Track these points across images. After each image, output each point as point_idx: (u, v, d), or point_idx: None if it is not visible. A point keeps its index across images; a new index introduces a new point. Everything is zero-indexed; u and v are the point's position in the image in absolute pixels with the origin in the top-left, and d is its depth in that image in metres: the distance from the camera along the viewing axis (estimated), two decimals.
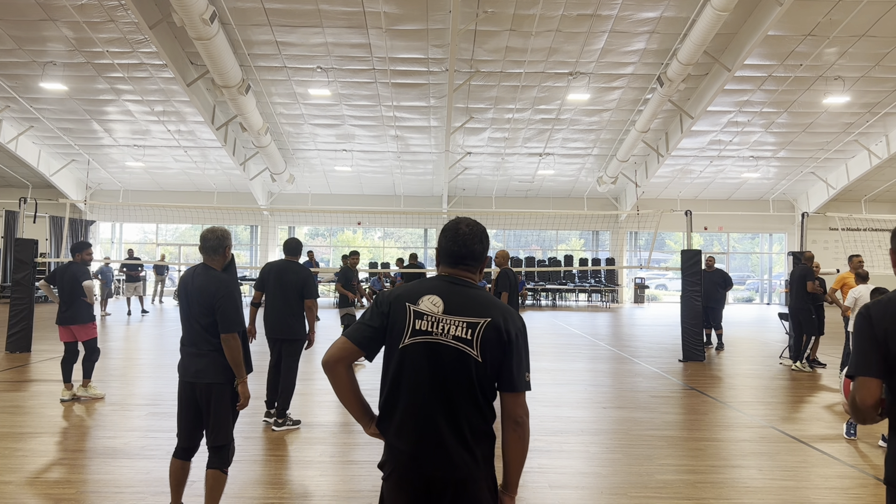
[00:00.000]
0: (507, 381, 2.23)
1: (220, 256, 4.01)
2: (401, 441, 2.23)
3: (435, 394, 2.20)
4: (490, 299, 2.29)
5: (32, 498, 4.44)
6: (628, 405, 7.48)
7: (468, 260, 2.35)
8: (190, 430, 3.91)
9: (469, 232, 2.35)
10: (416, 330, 2.24)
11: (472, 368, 2.19)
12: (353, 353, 2.28)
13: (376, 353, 2.32)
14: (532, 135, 19.73)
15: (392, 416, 2.26)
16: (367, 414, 2.36)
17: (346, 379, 2.29)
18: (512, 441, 2.24)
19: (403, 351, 2.24)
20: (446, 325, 2.22)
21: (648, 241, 26.12)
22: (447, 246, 2.36)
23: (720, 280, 12.34)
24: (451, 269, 2.36)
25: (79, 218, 24.51)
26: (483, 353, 2.20)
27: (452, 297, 2.27)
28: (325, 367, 2.28)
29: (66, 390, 7.30)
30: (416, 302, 2.27)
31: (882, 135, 19.33)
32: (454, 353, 2.20)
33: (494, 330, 2.21)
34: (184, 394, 3.91)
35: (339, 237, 29.57)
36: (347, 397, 2.31)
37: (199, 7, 11.64)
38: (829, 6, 12.78)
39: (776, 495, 4.70)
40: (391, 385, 2.27)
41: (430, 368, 2.21)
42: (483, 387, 2.21)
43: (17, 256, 11.08)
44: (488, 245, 2.41)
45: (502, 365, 2.22)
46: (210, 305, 3.82)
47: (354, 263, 10.30)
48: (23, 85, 16.72)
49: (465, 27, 13.38)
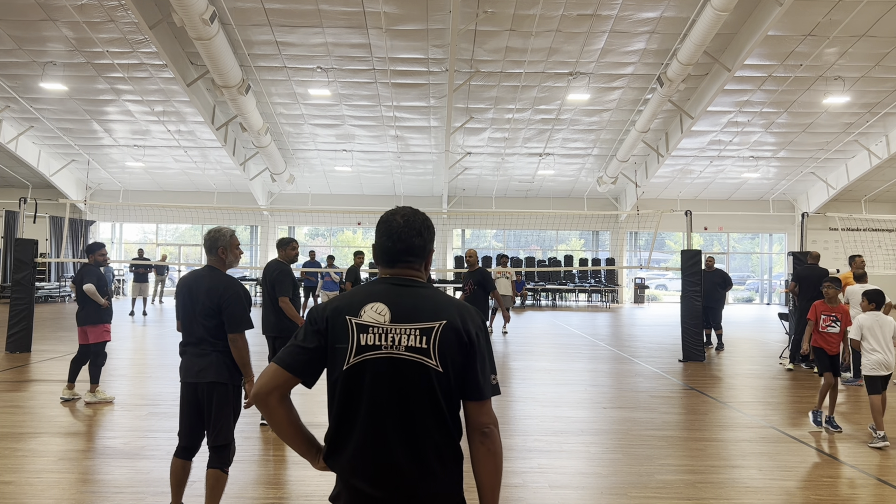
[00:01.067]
0: (472, 388, 1.95)
1: (216, 257, 4.01)
2: (356, 477, 1.92)
3: (392, 417, 1.91)
4: (442, 298, 2.01)
5: (32, 498, 4.44)
6: (628, 405, 7.48)
7: (406, 256, 2.04)
8: (191, 429, 3.93)
9: (404, 224, 2.04)
10: (362, 346, 1.93)
11: (433, 381, 1.91)
12: (286, 382, 1.97)
13: (316, 379, 2.02)
14: (532, 135, 19.73)
15: (343, 450, 1.95)
16: (312, 447, 2.05)
17: (282, 412, 1.98)
18: (482, 456, 1.95)
19: (349, 373, 1.93)
20: (396, 336, 1.92)
21: (648, 241, 26.13)
22: (382, 242, 2.05)
23: (720, 280, 12.35)
24: (390, 269, 2.05)
25: (79, 218, 24.52)
26: (443, 361, 1.92)
27: (399, 301, 1.96)
28: (255, 399, 1.96)
29: (67, 389, 7.29)
30: (356, 314, 1.96)
31: (882, 135, 19.33)
32: (410, 367, 1.91)
33: (452, 332, 1.93)
34: (185, 395, 3.92)
35: (339, 237, 29.57)
36: (286, 432, 2.00)
37: (199, 7, 11.64)
38: (829, 6, 12.78)
39: (776, 495, 4.70)
40: (339, 414, 1.96)
41: (383, 388, 1.91)
42: (447, 400, 1.94)
43: (17, 256, 11.08)
44: (432, 237, 2.10)
45: (466, 371, 1.95)
46: (217, 306, 3.84)
47: (359, 263, 10.49)
48: (23, 85, 16.72)
49: (465, 27, 13.38)
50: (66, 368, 9.17)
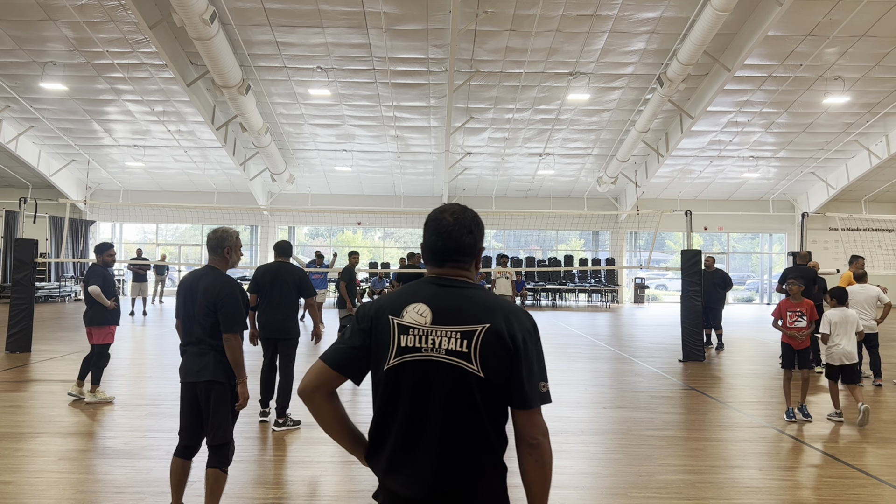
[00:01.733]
0: (517, 396, 1.87)
1: (220, 257, 4.04)
2: (392, 481, 1.89)
3: (429, 422, 1.86)
4: (489, 299, 1.93)
5: (32, 498, 4.44)
6: (628, 405, 7.48)
7: (456, 255, 1.98)
8: (190, 429, 3.95)
9: (454, 222, 1.97)
10: (402, 347, 1.89)
11: (472, 387, 1.84)
12: (332, 380, 1.95)
13: (363, 376, 2.00)
14: (532, 135, 19.74)
15: (381, 451, 1.93)
16: (359, 444, 2.03)
17: (328, 409, 1.97)
18: (530, 468, 1.87)
19: (389, 374, 1.90)
20: (437, 338, 1.87)
21: (648, 241, 26.13)
22: (431, 241, 1.99)
23: (720, 280, 12.34)
24: (438, 269, 2.00)
25: (79, 218, 24.52)
26: (485, 366, 1.84)
27: (441, 302, 1.91)
28: (302, 396, 1.96)
29: (76, 386, 7.35)
30: (399, 314, 1.92)
31: (882, 135, 19.33)
32: (450, 371, 1.85)
33: (496, 336, 1.85)
34: (185, 395, 3.94)
35: (339, 237, 29.57)
36: (332, 429, 1.99)
37: (199, 7, 11.63)
38: (829, 6, 12.78)
39: (776, 495, 4.70)
40: (379, 414, 1.94)
41: (422, 392, 1.87)
42: (489, 408, 1.86)
43: (17, 256, 11.08)
44: (482, 234, 2.04)
45: (510, 378, 1.86)
46: (213, 305, 3.86)
47: (354, 263, 10.46)
48: (23, 85, 16.72)
49: (465, 27, 13.38)
50: (66, 368, 9.18)
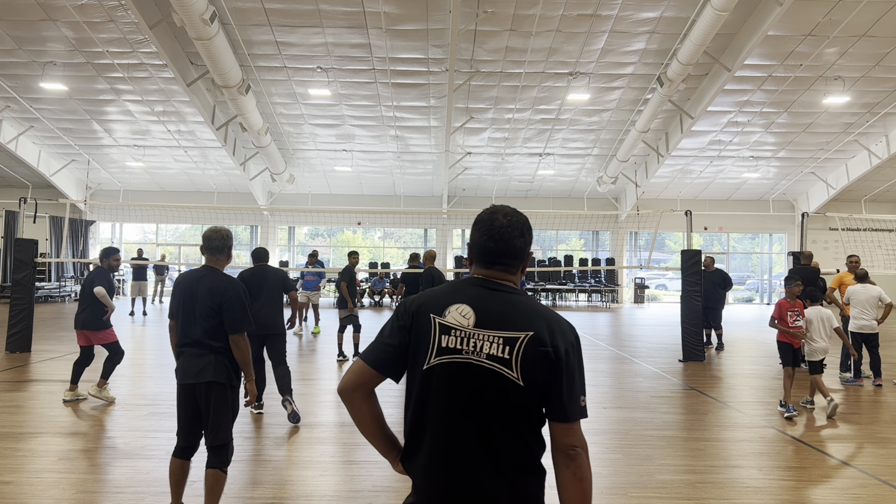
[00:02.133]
0: (556, 408, 1.84)
1: (225, 257, 4.05)
2: (429, 483, 1.86)
3: (468, 426, 1.83)
4: (533, 307, 1.90)
5: (32, 498, 4.44)
6: (628, 405, 7.48)
7: (506, 258, 1.95)
8: (189, 430, 3.92)
9: (507, 224, 1.94)
10: (443, 348, 1.86)
11: (511, 394, 1.81)
12: (371, 379, 1.94)
13: (403, 374, 1.97)
14: (532, 135, 19.74)
15: (418, 454, 1.90)
16: (394, 447, 2.01)
17: (367, 409, 1.95)
18: (567, 481, 1.83)
19: (428, 374, 1.88)
20: (478, 342, 1.84)
21: (648, 241, 26.13)
22: (481, 242, 1.95)
23: (720, 280, 12.34)
24: (485, 271, 1.96)
25: (79, 218, 24.52)
26: (524, 375, 1.81)
27: (486, 305, 1.88)
28: (342, 395, 1.95)
29: (69, 391, 7.28)
30: (441, 313, 1.89)
31: (882, 135, 19.33)
32: (489, 376, 1.82)
33: (538, 346, 1.82)
34: (183, 396, 3.90)
35: (339, 237, 29.57)
36: (369, 429, 1.98)
37: (199, 7, 11.63)
38: (829, 6, 12.78)
39: (776, 495, 4.70)
40: (415, 415, 1.91)
41: (459, 395, 1.84)
42: (527, 415, 1.83)
43: (17, 256, 11.07)
44: (531, 238, 2.01)
45: (550, 389, 1.83)
46: (217, 307, 3.85)
47: (354, 263, 10.53)
48: (23, 85, 16.72)
49: (465, 27, 13.38)
50: (66, 368, 9.17)
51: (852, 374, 9.05)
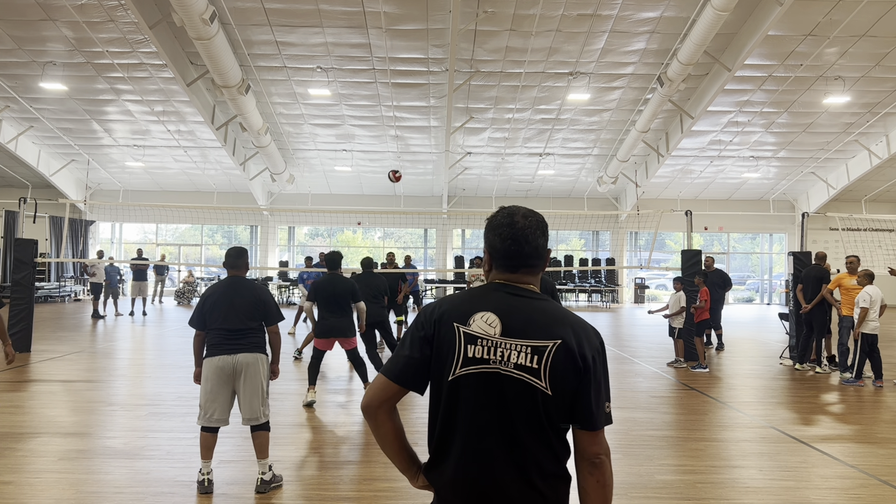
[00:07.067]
0: (583, 416, 1.81)
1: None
2: (457, 496, 1.83)
3: (495, 435, 1.80)
4: (558, 313, 1.86)
5: (32, 498, 4.44)
6: (628, 405, 7.48)
7: (533, 259, 1.90)
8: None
9: (528, 224, 1.89)
10: (469, 358, 1.82)
11: (539, 403, 1.78)
12: (395, 394, 1.89)
13: (426, 386, 1.92)
14: (532, 135, 19.73)
15: (444, 465, 1.86)
16: (413, 464, 1.97)
17: (390, 426, 1.91)
18: (590, 488, 1.84)
19: (454, 384, 1.83)
20: (506, 351, 1.80)
21: (648, 241, 26.13)
22: (503, 246, 1.89)
23: (719, 280, 12.33)
24: (509, 275, 1.90)
25: (79, 218, 24.51)
26: (553, 383, 1.78)
27: (512, 313, 1.83)
28: (366, 413, 1.90)
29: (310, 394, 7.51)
30: (466, 322, 1.84)
31: (882, 135, 19.33)
32: (517, 386, 1.79)
33: (567, 354, 1.79)
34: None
35: (339, 237, 29.58)
36: (391, 447, 1.93)
37: (199, 7, 11.63)
38: (829, 6, 12.78)
39: (776, 495, 4.70)
40: (442, 427, 1.87)
41: (487, 405, 1.81)
42: (553, 423, 1.81)
43: (17, 256, 11.07)
44: (548, 236, 1.96)
45: (577, 397, 1.81)
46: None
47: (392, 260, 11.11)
48: (23, 85, 16.72)
49: (465, 27, 13.38)
50: (66, 368, 9.18)
51: (853, 375, 9.05)
